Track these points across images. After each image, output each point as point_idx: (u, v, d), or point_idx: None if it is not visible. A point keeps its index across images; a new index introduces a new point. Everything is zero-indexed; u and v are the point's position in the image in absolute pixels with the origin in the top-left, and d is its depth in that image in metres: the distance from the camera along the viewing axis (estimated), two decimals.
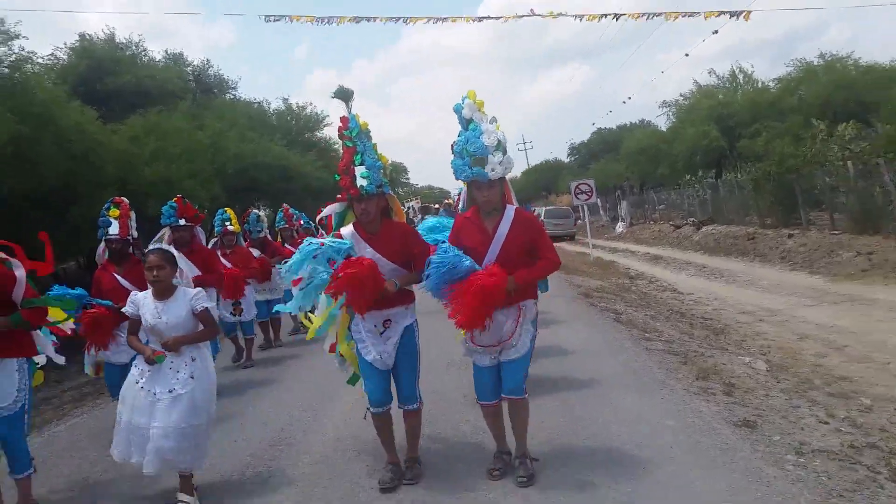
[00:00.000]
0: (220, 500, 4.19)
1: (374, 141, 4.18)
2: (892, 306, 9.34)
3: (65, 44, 20.25)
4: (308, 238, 4.51)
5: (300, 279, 4.15)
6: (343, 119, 4.12)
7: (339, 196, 4.25)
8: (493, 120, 3.93)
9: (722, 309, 10.80)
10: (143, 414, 3.96)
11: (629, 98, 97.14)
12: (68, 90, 12.31)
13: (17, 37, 9.88)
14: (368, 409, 4.12)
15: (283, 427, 5.52)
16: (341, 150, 4.18)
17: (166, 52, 23.93)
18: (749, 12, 12.91)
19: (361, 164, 4.00)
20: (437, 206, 22.42)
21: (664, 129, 35.69)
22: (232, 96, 26.29)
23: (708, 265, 17.04)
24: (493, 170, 3.83)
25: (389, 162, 4.59)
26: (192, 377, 4.03)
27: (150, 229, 8.78)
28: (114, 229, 5.55)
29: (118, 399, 4.20)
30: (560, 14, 12.82)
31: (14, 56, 10.04)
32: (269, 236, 9.83)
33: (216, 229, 8.53)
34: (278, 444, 5.10)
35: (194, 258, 6.59)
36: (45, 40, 38.00)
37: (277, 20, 12.87)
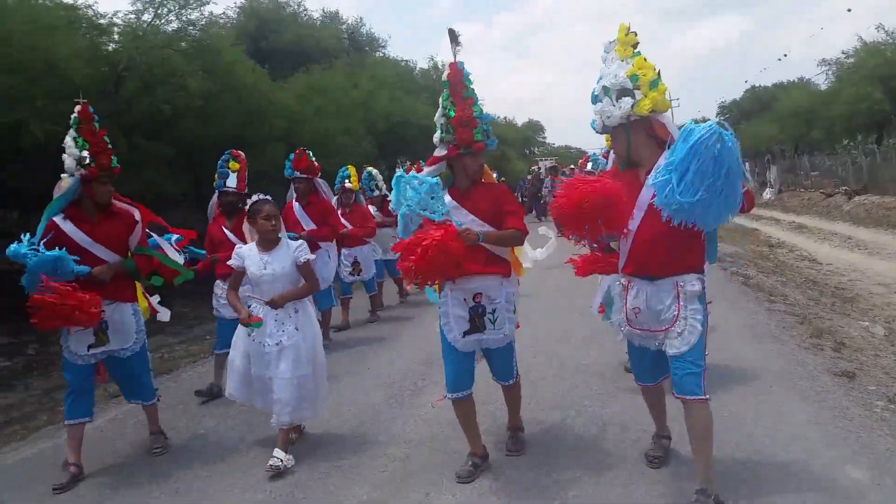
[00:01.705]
0: (318, 456, 4.27)
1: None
2: None
3: (235, 3, 22.11)
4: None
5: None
6: (452, 66, 3.78)
7: (444, 153, 3.77)
8: (627, 58, 3.32)
9: (857, 280, 10.70)
10: (258, 364, 4.19)
11: (785, 55, 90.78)
12: (244, 50, 13.75)
13: (207, 2, 11.28)
14: (446, 395, 3.77)
15: (395, 384, 5.65)
16: (448, 99, 3.76)
17: (323, 10, 25.41)
18: None
19: (479, 117, 3.73)
20: (571, 166, 22.23)
21: (823, 88, 33.63)
22: (382, 54, 27.52)
23: (854, 236, 16.45)
24: (597, 119, 3.39)
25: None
26: (296, 329, 4.16)
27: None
28: (231, 181, 5.66)
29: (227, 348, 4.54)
30: None
31: (204, 20, 11.51)
32: (387, 194, 9.23)
33: (335, 186, 8.28)
34: (389, 400, 5.27)
35: (311, 211, 6.79)
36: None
37: None
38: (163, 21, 10.78)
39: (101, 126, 4.29)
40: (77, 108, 4.24)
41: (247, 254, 4.26)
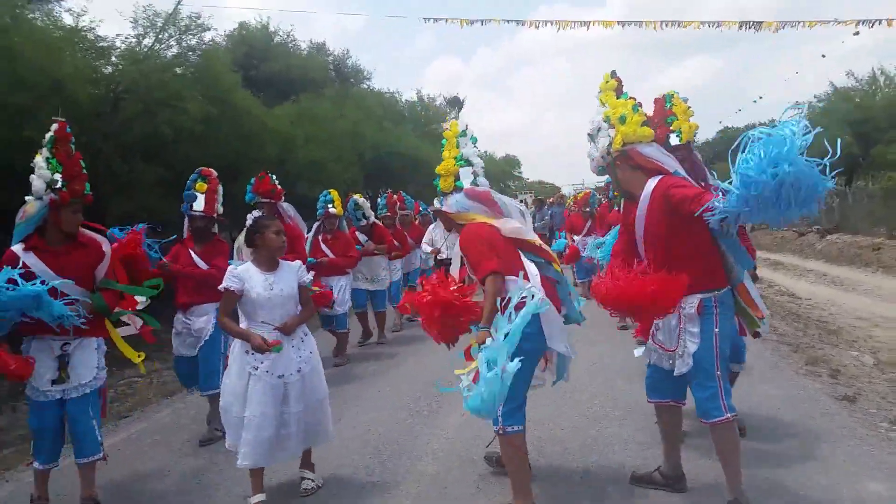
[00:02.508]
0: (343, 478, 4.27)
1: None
2: None
3: (225, 30, 22.26)
4: None
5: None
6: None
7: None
8: (605, 102, 3.58)
9: (838, 314, 11.03)
10: (274, 402, 3.80)
11: (760, 97, 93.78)
12: (240, 77, 13.90)
13: (207, 29, 11.43)
14: (503, 431, 3.46)
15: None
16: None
17: (310, 41, 25.69)
18: (891, 20, 12.85)
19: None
20: (550, 199, 23.30)
21: None
22: (367, 86, 27.88)
23: (829, 273, 16.94)
24: (590, 163, 3.65)
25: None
26: (311, 352, 3.99)
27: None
28: (198, 204, 5.21)
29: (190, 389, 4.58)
30: (692, 22, 13.09)
31: (204, 46, 11.64)
32: (377, 222, 9.12)
33: (318, 211, 8.01)
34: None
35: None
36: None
37: (436, 21, 13.97)
38: (163, 46, 10.90)
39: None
40: (54, 126, 3.92)
41: (246, 275, 3.86)
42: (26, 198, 3.86)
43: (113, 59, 10.45)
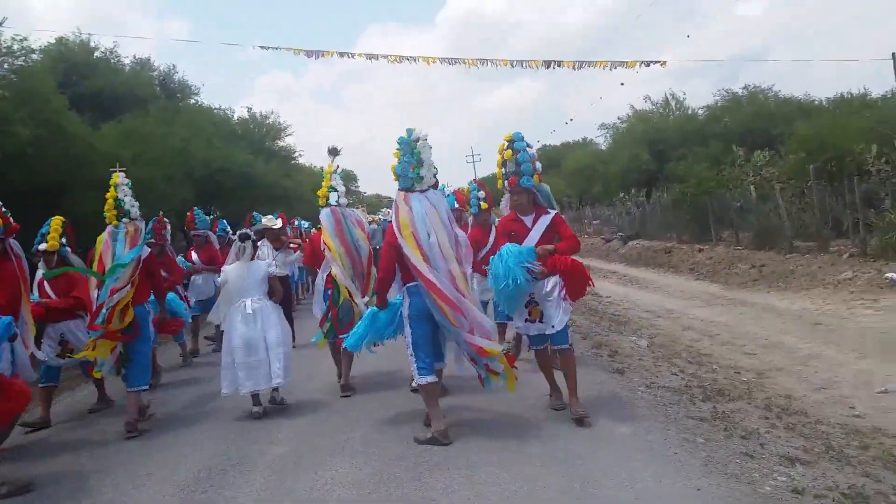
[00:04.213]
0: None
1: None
2: (765, 307, 11.43)
3: (39, 47, 21.19)
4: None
5: None
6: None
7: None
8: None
9: (630, 308, 12.77)
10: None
11: (571, 119, 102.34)
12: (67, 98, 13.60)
13: (33, 52, 11.22)
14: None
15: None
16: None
17: (134, 56, 24.95)
18: (665, 62, 15.09)
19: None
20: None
21: (604, 147, 38.32)
22: (195, 101, 27.45)
23: (628, 274, 19.16)
24: None
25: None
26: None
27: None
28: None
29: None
30: (504, 61, 14.61)
31: (29, 66, 11.40)
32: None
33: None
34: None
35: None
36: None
37: (275, 50, 14.45)
38: None
39: None
40: None
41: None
42: None
43: None
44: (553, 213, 5.36)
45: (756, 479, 3.80)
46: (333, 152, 6.76)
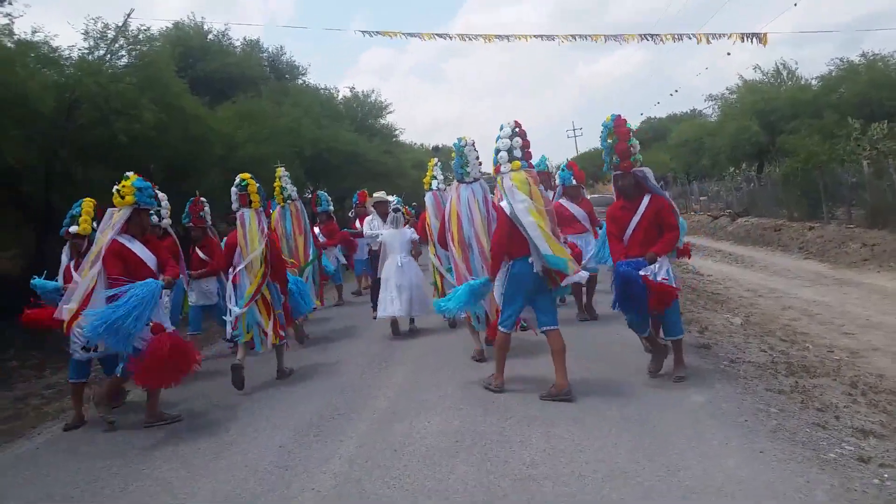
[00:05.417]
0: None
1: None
2: (871, 288, 11.06)
3: (158, 32, 22.68)
4: None
5: None
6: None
7: None
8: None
9: (731, 287, 12.61)
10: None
11: (676, 91, 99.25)
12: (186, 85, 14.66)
13: (156, 40, 12.21)
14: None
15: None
16: None
17: (244, 38, 26.22)
18: (765, 35, 14.57)
19: None
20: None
21: (713, 120, 36.96)
22: (303, 81, 28.59)
23: (734, 253, 18.73)
24: None
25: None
26: None
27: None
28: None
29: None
30: (598, 36, 14.53)
31: (153, 52, 12.41)
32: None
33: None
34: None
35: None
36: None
37: (374, 35, 15.07)
38: (115, 56, 11.64)
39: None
40: None
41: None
42: None
43: (67, 69, 11.14)
44: (653, 196, 5.63)
45: (822, 447, 3.94)
46: (436, 150, 7.64)
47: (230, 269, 6.95)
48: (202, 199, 8.54)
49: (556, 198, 8.74)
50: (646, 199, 5.58)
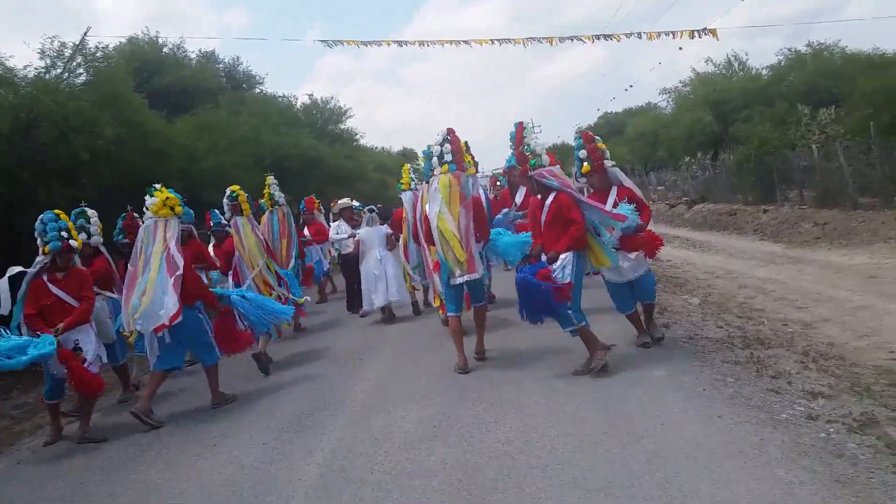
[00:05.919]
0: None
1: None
2: (823, 264, 11.52)
3: (113, 48, 22.47)
4: None
5: None
6: None
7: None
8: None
9: (689, 270, 13.00)
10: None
11: (631, 86, 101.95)
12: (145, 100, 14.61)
13: (112, 58, 12.20)
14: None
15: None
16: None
17: (199, 51, 26.08)
18: (715, 31, 15.09)
19: None
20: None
21: (668, 112, 37.81)
22: (260, 90, 28.54)
23: (691, 238, 19.22)
24: None
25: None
26: None
27: (200, 215, 10.04)
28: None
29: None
30: (551, 39, 14.89)
31: (110, 69, 12.39)
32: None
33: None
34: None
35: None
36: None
37: (334, 45, 15.17)
38: (72, 74, 11.61)
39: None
40: None
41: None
42: None
43: (23, 89, 11.06)
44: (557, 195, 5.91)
45: (775, 410, 4.24)
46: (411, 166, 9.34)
47: (229, 272, 8.25)
48: (135, 213, 7.83)
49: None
50: (550, 198, 5.86)
